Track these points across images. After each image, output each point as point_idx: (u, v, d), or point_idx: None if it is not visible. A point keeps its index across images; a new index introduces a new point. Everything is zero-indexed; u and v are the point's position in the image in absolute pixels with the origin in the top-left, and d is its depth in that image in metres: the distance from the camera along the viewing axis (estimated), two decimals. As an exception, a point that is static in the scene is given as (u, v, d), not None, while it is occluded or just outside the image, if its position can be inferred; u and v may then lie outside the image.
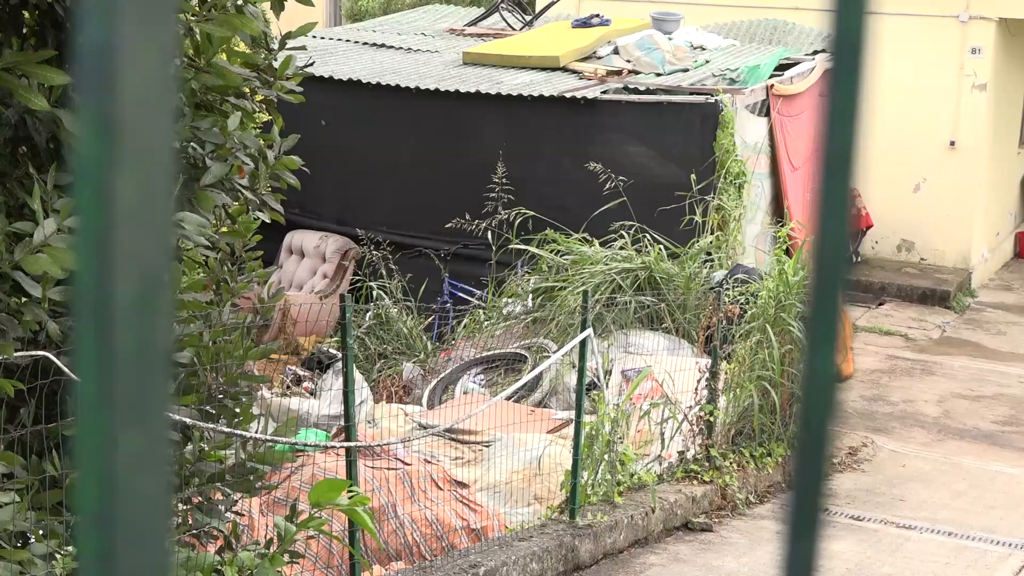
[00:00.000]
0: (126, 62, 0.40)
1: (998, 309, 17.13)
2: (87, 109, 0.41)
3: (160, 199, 0.42)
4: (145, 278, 0.41)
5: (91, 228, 0.41)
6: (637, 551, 8.39)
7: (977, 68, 16.83)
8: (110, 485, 0.42)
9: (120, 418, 0.42)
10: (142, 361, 0.42)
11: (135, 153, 0.41)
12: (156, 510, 0.43)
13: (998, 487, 10.99)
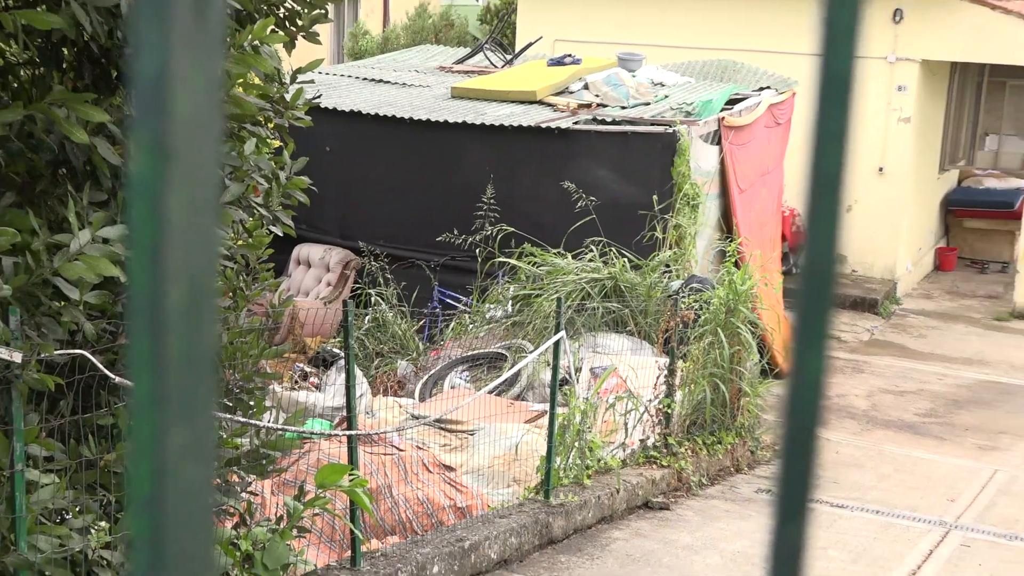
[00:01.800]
0: (177, 91, 0.39)
1: (920, 315, 17.22)
2: (142, 133, 0.39)
3: (207, 215, 0.40)
4: (194, 287, 0.40)
5: (145, 241, 0.40)
6: (603, 527, 8.40)
7: (902, 103, 16.93)
8: (160, 475, 0.41)
9: (170, 415, 0.41)
10: (190, 364, 0.41)
11: (185, 173, 0.40)
12: (201, 496, 0.42)
13: (919, 471, 11.03)
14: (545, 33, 17.34)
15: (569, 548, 7.87)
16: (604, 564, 7.65)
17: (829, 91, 0.44)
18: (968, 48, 16.95)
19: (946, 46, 16.89)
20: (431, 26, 22.15)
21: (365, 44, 20.79)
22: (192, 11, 0.39)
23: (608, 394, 9.51)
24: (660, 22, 17.36)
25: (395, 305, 11.53)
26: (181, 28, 0.39)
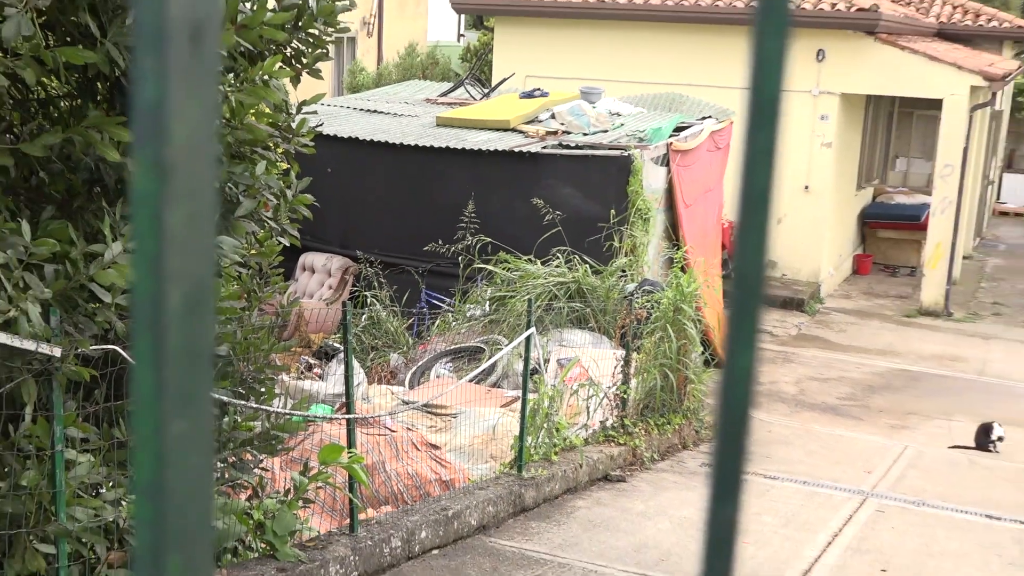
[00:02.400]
0: (175, 116, 0.38)
1: (840, 313, 17.31)
2: (143, 154, 0.38)
3: (204, 226, 0.39)
4: (191, 291, 0.39)
5: (147, 250, 0.38)
6: (569, 497, 8.41)
7: (824, 130, 17.03)
8: (161, 461, 0.39)
9: (170, 407, 0.39)
10: (189, 359, 0.40)
11: (183, 189, 0.38)
12: (200, 481, 0.41)
13: (840, 447, 11.09)
14: (517, 70, 17.36)
15: (539, 515, 7.87)
16: (569, 529, 7.65)
17: (758, 114, 0.43)
18: (880, 83, 17.07)
19: (862, 81, 17.01)
20: (419, 64, 22.15)
21: (362, 79, 20.76)
22: (188, 45, 0.37)
23: (572, 382, 9.51)
24: (616, 60, 17.40)
25: (388, 305, 11.52)
26: (178, 60, 0.37)
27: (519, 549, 7.09)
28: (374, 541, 6.39)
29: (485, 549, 7.01)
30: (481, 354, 10.21)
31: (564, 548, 7.20)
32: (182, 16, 0.37)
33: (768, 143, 0.41)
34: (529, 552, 7.05)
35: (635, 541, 7.49)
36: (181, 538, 0.39)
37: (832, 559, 7.59)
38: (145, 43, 0.37)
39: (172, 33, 0.37)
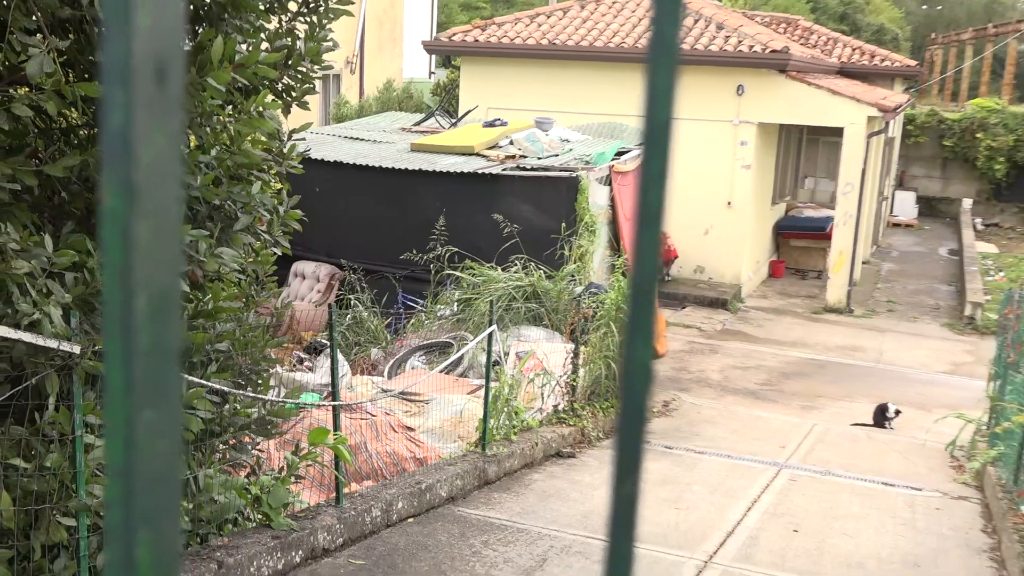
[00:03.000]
0: (140, 142, 0.37)
1: (758, 311, 17.44)
2: (111, 175, 0.37)
3: (169, 239, 0.38)
4: (157, 296, 0.38)
5: (114, 261, 0.37)
6: (526, 471, 8.40)
7: (744, 154, 17.15)
8: (130, 447, 0.38)
9: (139, 399, 0.38)
10: (157, 357, 0.39)
11: (149, 207, 0.37)
12: (168, 465, 0.40)
13: (759, 426, 11.17)
14: (481, 103, 17.36)
15: (500, 487, 7.87)
16: (527, 499, 7.65)
17: (651, 141, 0.43)
18: (791, 114, 17.22)
19: (775, 112, 17.15)
20: (395, 97, 22.09)
21: (346, 111, 20.68)
22: (153, 80, 0.37)
23: (529, 372, 9.52)
24: (566, 95, 17.45)
25: (369, 307, 11.49)
26: (143, 93, 0.37)
27: (483, 517, 7.08)
28: (357, 511, 6.36)
29: (454, 517, 7.00)
30: (450, 348, 10.20)
31: (522, 515, 7.20)
32: (147, 55, 0.36)
33: (660, 167, 0.41)
34: (492, 519, 7.05)
35: (584, 508, 7.50)
36: (150, 516, 0.38)
37: (752, 522, 7.63)
38: (112, 78, 0.36)
39: (137, 70, 0.36)
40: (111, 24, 0.35)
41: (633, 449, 0.41)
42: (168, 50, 0.36)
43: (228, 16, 5.17)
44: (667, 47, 0.40)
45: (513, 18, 19.07)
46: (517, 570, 6.08)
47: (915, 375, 14.22)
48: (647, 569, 6.32)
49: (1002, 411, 9.40)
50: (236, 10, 5.14)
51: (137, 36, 0.35)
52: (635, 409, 0.41)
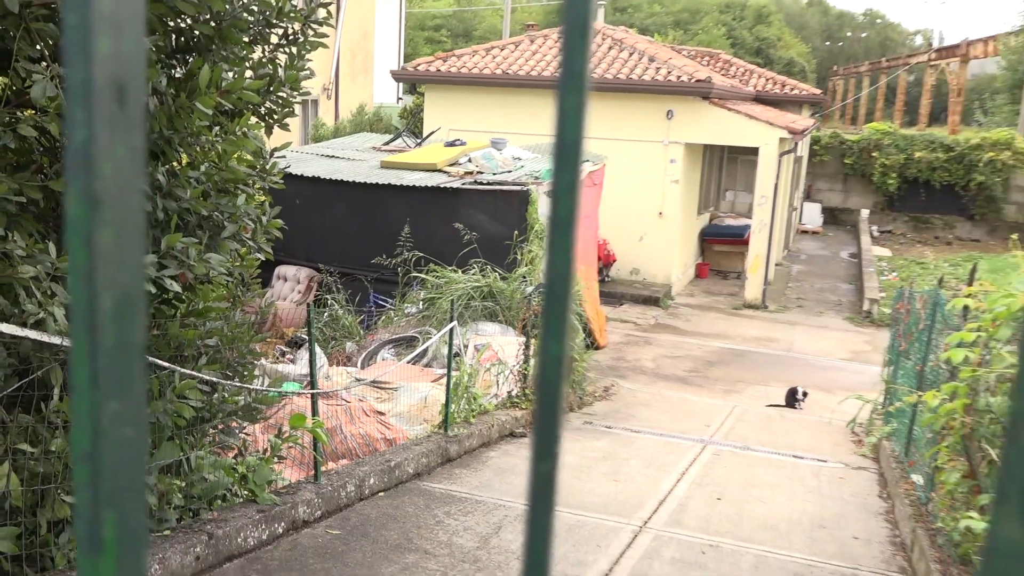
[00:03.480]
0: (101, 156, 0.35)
1: (686, 307, 17.58)
2: (74, 186, 0.36)
3: (132, 245, 0.37)
4: (121, 297, 0.36)
5: (79, 265, 0.36)
6: (483, 449, 8.39)
7: (673, 171, 17.27)
8: (96, 434, 0.37)
9: (104, 391, 0.37)
10: (121, 352, 0.37)
11: (111, 215, 0.36)
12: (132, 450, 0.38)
13: (686, 408, 11.25)
14: (443, 125, 17.30)
15: (461, 464, 7.85)
16: (484, 474, 7.63)
17: (562, 157, 0.42)
18: (714, 135, 17.38)
19: (700, 134, 17.30)
20: (367, 120, 21.96)
21: (323, 132, 20.53)
22: (115, 101, 0.35)
23: (486, 362, 9.50)
24: (517, 118, 17.45)
25: (343, 306, 11.40)
26: (104, 112, 0.35)
27: (446, 490, 7.06)
28: (333, 487, 6.30)
29: (420, 491, 6.96)
30: (416, 341, 10.15)
31: (480, 488, 7.18)
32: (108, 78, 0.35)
33: (570, 180, 0.41)
34: (453, 492, 7.02)
35: (534, 481, 7.51)
36: (115, 497, 0.37)
37: (681, 491, 7.68)
38: (74, 99, 0.35)
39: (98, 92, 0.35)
40: (72, 50, 0.34)
41: (550, 432, 0.40)
42: (129, 73, 0.35)
43: (215, 47, 5.10)
44: (575, 75, 0.39)
45: (471, 51, 19.05)
46: (476, 536, 6.07)
47: (821, 362, 14.42)
48: (591, 534, 6.34)
49: (895, 393, 9.56)
50: (222, 42, 5.06)
51: (97, 61, 0.34)
52: (550, 397, 0.40)
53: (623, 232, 17.31)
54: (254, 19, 5.22)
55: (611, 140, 16.99)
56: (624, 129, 17.19)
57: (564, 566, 5.70)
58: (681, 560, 6.00)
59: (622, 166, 16.79)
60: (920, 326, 8.51)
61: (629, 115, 17.11)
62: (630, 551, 6.10)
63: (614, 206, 16.69)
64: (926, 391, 6.48)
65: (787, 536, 6.69)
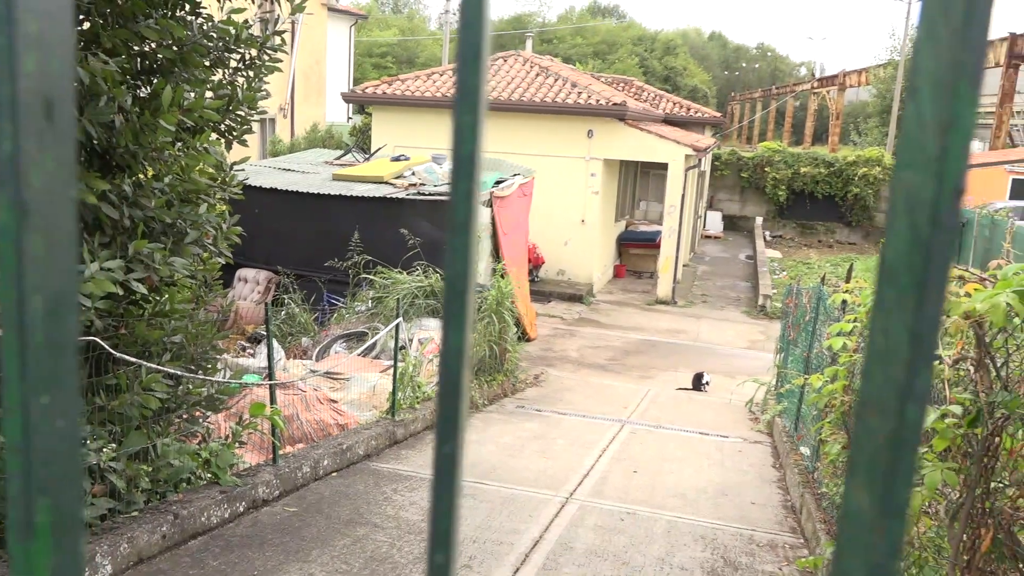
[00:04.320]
0: (29, 167, 0.33)
1: (606, 303, 17.72)
2: (3, 194, 0.34)
3: (63, 250, 0.35)
4: (52, 300, 0.35)
5: (9, 269, 0.34)
6: (427, 432, 8.33)
7: (593, 183, 17.40)
8: (27, 427, 0.35)
9: (34, 386, 0.35)
10: (52, 350, 0.35)
11: (40, 223, 0.34)
12: (65, 441, 0.36)
13: (607, 392, 11.33)
14: (389, 141, 17.15)
15: (407, 446, 7.78)
16: (428, 453, 7.58)
17: (459, 169, 0.41)
18: (629, 152, 17.56)
19: (617, 151, 17.47)
20: (320, 137, 21.66)
21: (280, 148, 20.16)
22: (42, 115, 0.34)
23: (429, 354, 9.44)
24: (456, 136, 17.37)
25: (299, 304, 11.21)
26: (31, 124, 0.33)
27: (393, 469, 6.99)
28: (290, 468, 6.19)
29: (369, 471, 6.89)
30: (366, 336, 10.03)
31: (425, 467, 7.13)
32: (35, 93, 0.33)
33: (467, 189, 0.40)
34: (400, 471, 6.96)
35: (473, 460, 7.48)
36: (48, 485, 0.35)
37: (602, 466, 7.74)
38: (2, 112, 0.33)
39: (24, 106, 0.33)
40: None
41: (452, 417, 0.40)
42: (57, 89, 0.33)
43: (178, 69, 4.96)
44: (469, 94, 0.39)
45: (414, 75, 18.92)
46: (421, 510, 6.02)
47: (723, 350, 14.68)
48: (523, 506, 6.35)
49: (785, 376, 9.78)
50: (184, 65, 4.93)
51: (22, 77, 0.32)
52: (452, 385, 0.40)
53: (550, 237, 17.39)
54: (214, 45, 5.09)
55: (539, 156, 17.06)
56: (551, 146, 17.27)
57: (499, 535, 5.69)
58: (603, 527, 6.05)
59: (549, 179, 16.88)
60: (806, 318, 8.73)
61: (555, 134, 17.20)
62: (558, 519, 6.13)
63: (542, 214, 16.76)
64: (812, 374, 6.65)
65: (694, 503, 6.79)
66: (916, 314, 0.32)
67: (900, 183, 0.32)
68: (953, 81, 0.30)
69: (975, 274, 3.46)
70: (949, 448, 3.33)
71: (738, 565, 5.50)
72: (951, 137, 0.30)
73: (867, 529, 0.32)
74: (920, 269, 0.31)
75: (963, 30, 0.30)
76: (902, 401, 0.32)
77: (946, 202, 0.30)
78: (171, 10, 4.75)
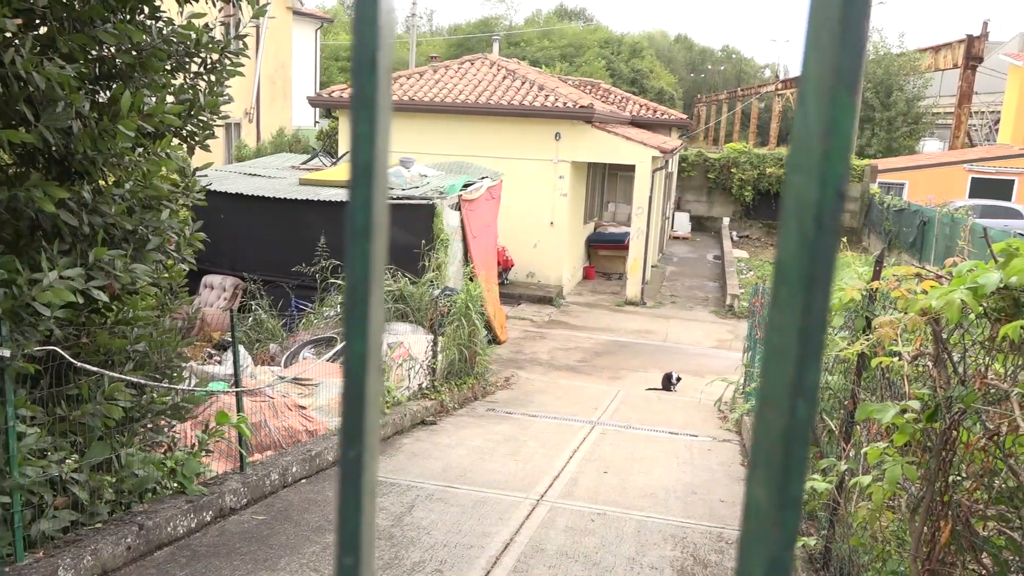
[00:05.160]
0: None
1: (576, 305, 17.78)
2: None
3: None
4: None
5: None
6: (397, 437, 8.30)
7: (562, 186, 17.45)
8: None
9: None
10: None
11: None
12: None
13: (578, 394, 11.37)
14: (356, 146, 17.04)
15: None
16: (398, 459, 7.55)
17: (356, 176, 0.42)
18: (596, 154, 17.65)
19: (584, 153, 17.55)
20: (286, 142, 21.49)
21: (245, 152, 19.96)
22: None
23: (398, 358, 9.40)
24: (423, 139, 17.35)
25: (267, 310, 11.10)
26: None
27: (363, 475, 6.94)
28: (258, 476, 6.13)
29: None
30: (334, 341, 9.96)
31: (395, 472, 7.11)
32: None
33: (366, 196, 0.41)
34: (370, 476, 6.91)
35: (443, 464, 7.47)
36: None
37: (573, 467, 7.76)
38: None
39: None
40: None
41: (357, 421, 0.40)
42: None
43: (137, 74, 4.90)
44: (367, 103, 0.39)
45: (381, 79, 18.83)
46: (390, 516, 6.00)
47: (692, 350, 14.80)
48: (493, 508, 6.35)
49: (752, 374, 9.89)
50: (144, 70, 4.87)
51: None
52: (356, 391, 0.40)
53: (519, 240, 17.42)
54: (174, 49, 5.04)
55: (507, 159, 17.08)
56: (518, 149, 17.30)
57: (470, 538, 5.69)
58: (573, 528, 6.07)
59: (517, 181, 16.90)
60: (772, 317, 8.83)
61: (522, 137, 17.23)
62: (529, 522, 6.14)
63: (511, 217, 16.78)
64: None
65: (664, 502, 6.83)
66: (804, 312, 0.33)
67: (790, 186, 0.33)
68: (833, 87, 0.31)
69: (931, 271, 3.53)
70: (909, 443, 3.39)
71: (707, 563, 5.55)
72: (832, 142, 0.31)
73: (766, 522, 0.33)
74: (807, 269, 0.32)
75: (841, 37, 0.31)
76: (793, 397, 0.33)
77: (829, 204, 0.32)
78: (130, 14, 4.69)
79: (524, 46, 54.69)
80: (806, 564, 5.03)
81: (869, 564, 4.06)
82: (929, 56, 33.42)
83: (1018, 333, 2.56)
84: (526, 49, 53.47)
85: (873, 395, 4.41)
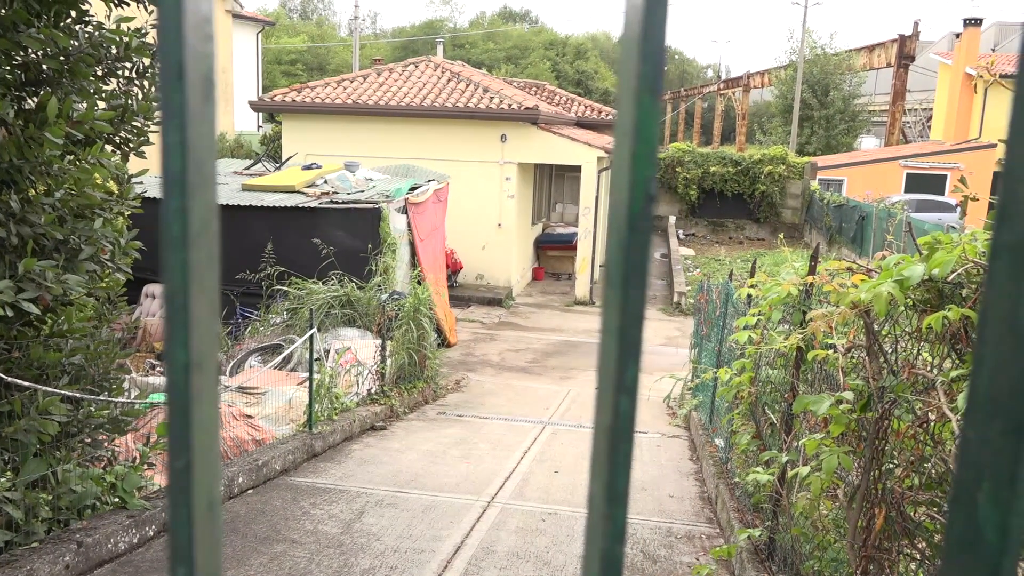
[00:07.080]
0: None
1: (526, 306, 17.83)
2: None
3: None
4: None
5: None
6: (346, 443, 8.22)
7: (509, 187, 17.50)
8: None
9: None
10: None
11: None
12: None
13: (528, 395, 11.40)
14: (300, 150, 16.87)
15: (326, 458, 7.66)
16: (348, 465, 7.48)
17: (168, 184, 0.42)
18: (542, 155, 17.73)
19: (531, 155, 17.62)
20: (228, 147, 21.13)
21: (186, 158, 19.57)
22: None
23: (346, 364, 9.32)
24: (368, 143, 17.24)
25: (211, 319, 10.91)
26: None
27: (311, 483, 6.87)
28: (203, 488, 6.00)
29: (287, 485, 6.75)
30: (281, 349, 9.83)
31: (344, 479, 7.03)
32: None
33: (179, 206, 0.40)
34: (319, 484, 6.84)
35: (394, 469, 7.42)
36: None
37: (524, 467, 7.78)
38: None
39: None
40: None
41: (183, 432, 0.40)
42: None
43: (66, 80, 4.77)
44: (176, 113, 0.39)
45: (324, 83, 18.65)
46: (340, 523, 5.94)
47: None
48: (445, 512, 6.33)
49: (699, 371, 10.04)
50: (72, 75, 4.74)
51: None
52: (180, 400, 0.40)
53: (468, 242, 17.41)
54: (103, 54, 4.91)
55: (453, 161, 17.05)
56: (464, 151, 17.29)
57: (421, 542, 5.66)
58: (524, 528, 6.08)
59: (464, 184, 16.89)
60: (717, 313, 8.98)
61: (468, 139, 17.23)
62: (480, 524, 6.13)
63: (459, 219, 16.75)
64: (723, 368, 6.84)
65: (614, 499, 6.87)
66: (622, 311, 0.34)
67: (612, 190, 0.33)
68: (638, 92, 0.32)
69: (862, 266, 3.63)
70: (845, 433, 3.48)
71: (657, 558, 5.61)
72: (638, 145, 0.32)
73: (599, 517, 0.34)
74: (623, 269, 0.33)
75: (641, 43, 0.32)
76: (616, 394, 0.34)
77: (638, 205, 0.33)
78: (56, 19, 4.56)
79: (469, 48, 54.67)
80: (752, 555, 5.12)
81: (811, 553, 4.15)
82: (864, 55, 34.37)
83: (941, 323, 2.64)
84: (471, 51, 53.46)
85: (812, 387, 4.52)
